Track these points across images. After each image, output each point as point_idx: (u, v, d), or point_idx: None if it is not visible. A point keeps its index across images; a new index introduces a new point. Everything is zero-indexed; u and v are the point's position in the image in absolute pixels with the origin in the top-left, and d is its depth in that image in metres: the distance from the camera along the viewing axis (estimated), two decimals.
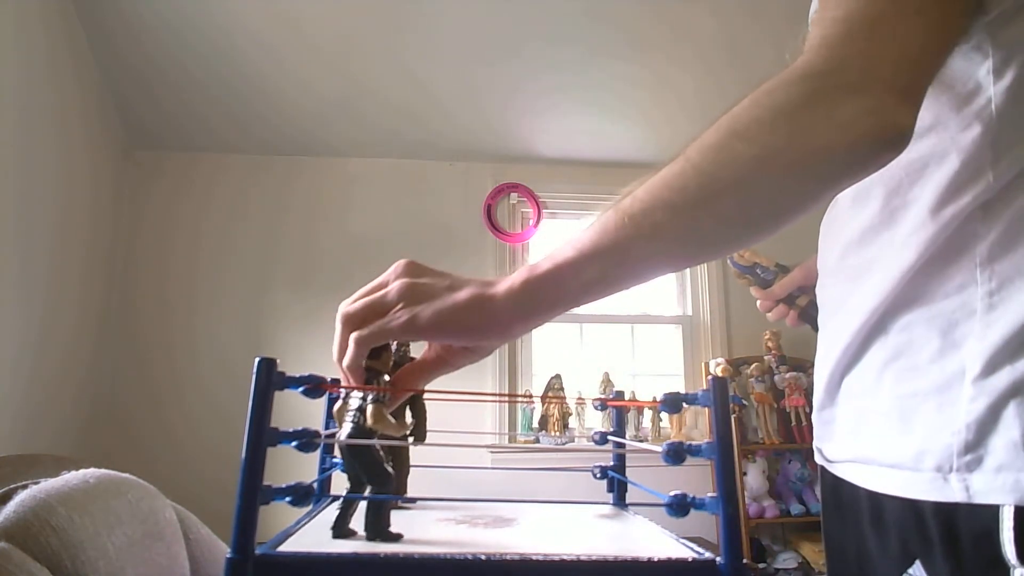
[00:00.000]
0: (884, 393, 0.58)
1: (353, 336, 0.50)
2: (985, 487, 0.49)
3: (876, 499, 0.60)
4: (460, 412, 2.12)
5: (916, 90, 0.49)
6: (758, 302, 0.93)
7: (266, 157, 3.01)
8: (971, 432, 0.50)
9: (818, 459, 0.73)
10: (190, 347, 2.80)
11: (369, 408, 0.53)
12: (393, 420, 0.54)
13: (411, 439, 0.77)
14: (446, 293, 0.51)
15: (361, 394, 0.54)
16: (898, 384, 0.57)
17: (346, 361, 0.51)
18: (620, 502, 0.77)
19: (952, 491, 0.50)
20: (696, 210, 0.49)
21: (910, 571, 0.55)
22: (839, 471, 0.67)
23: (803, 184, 0.49)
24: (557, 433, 2.76)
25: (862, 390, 0.61)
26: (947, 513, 0.51)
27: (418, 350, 0.81)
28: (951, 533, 0.51)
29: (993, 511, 0.48)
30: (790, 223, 0.51)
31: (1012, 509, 0.47)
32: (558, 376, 2.86)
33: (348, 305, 0.52)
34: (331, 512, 0.68)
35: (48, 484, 0.87)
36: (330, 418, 0.82)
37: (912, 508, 0.54)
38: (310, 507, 0.64)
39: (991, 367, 0.50)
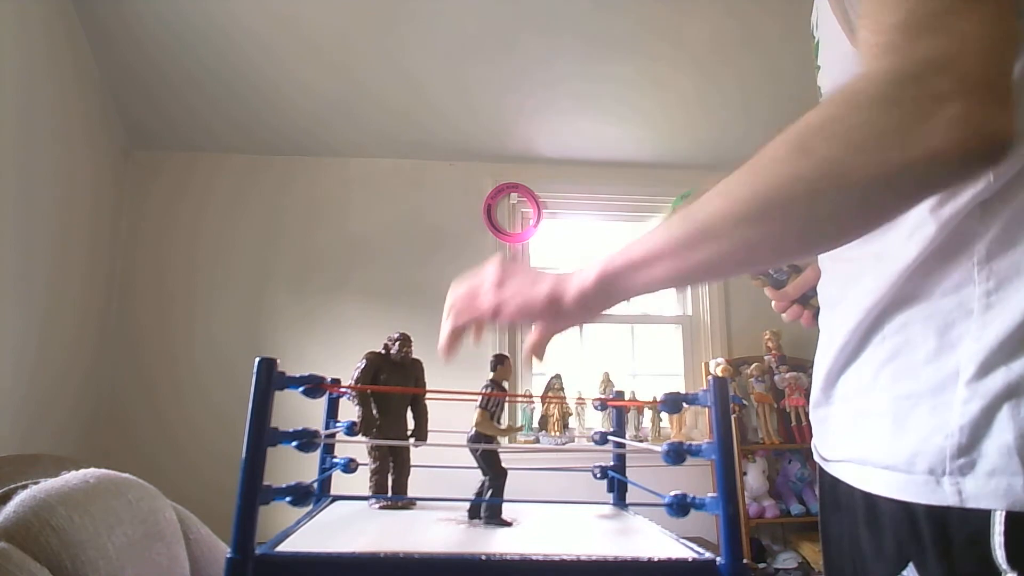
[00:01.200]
0: (880, 393, 0.57)
1: (448, 323, 0.62)
2: (977, 492, 0.48)
3: (871, 500, 0.59)
4: (460, 412, 2.11)
5: (1005, 86, 0.44)
6: (773, 303, 0.92)
7: (266, 157, 3.01)
8: (964, 435, 0.49)
9: (816, 457, 0.73)
10: (190, 347, 2.80)
11: (475, 414, 0.64)
12: (499, 424, 0.66)
13: (412, 439, 0.77)
14: (528, 288, 0.59)
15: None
16: (894, 385, 0.56)
17: (441, 343, 0.62)
18: (620, 502, 0.77)
19: (945, 494, 0.50)
20: (757, 224, 0.49)
21: (903, 574, 0.55)
22: (835, 470, 0.66)
23: (877, 201, 0.46)
24: (557, 433, 2.76)
25: (858, 390, 0.61)
26: (940, 516, 0.51)
27: (419, 352, 0.81)
28: (944, 536, 0.51)
29: (985, 516, 0.48)
30: (859, 238, 0.51)
31: (1003, 515, 0.47)
32: (558, 376, 2.86)
33: (454, 293, 0.63)
34: (334, 512, 0.68)
35: (48, 484, 0.87)
36: (330, 418, 0.82)
37: (906, 510, 0.54)
38: (310, 507, 0.64)
39: (985, 368, 0.49)
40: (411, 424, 0.78)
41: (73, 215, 2.53)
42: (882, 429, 0.56)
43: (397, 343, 0.77)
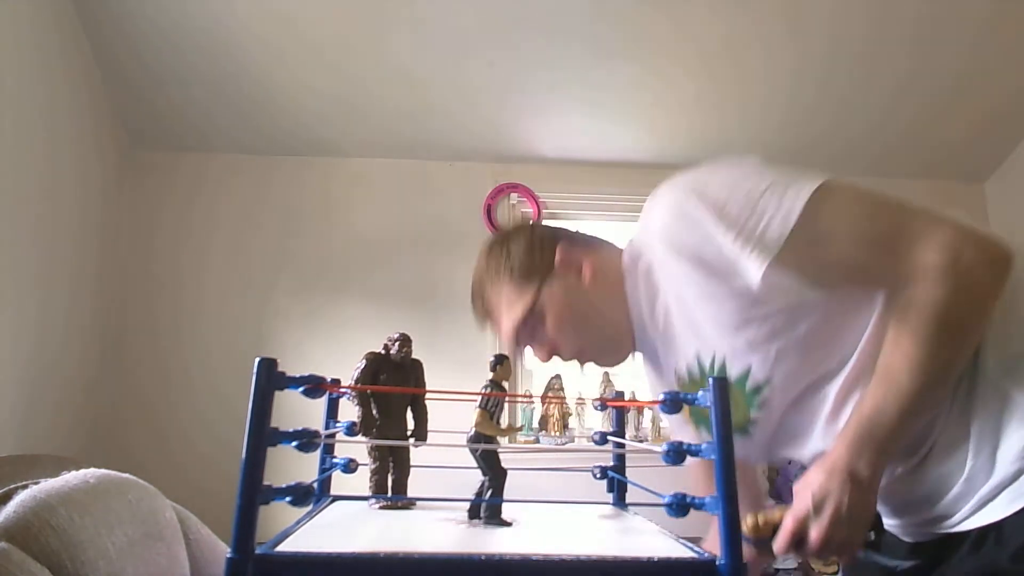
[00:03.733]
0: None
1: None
2: None
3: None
4: (460, 413, 2.09)
5: (974, 229, 0.70)
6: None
7: (266, 157, 3.00)
8: None
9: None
10: (190, 347, 2.80)
11: (475, 413, 0.64)
12: (498, 425, 0.66)
13: (412, 439, 0.77)
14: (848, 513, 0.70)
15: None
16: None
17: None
18: (620, 502, 0.77)
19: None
20: (940, 384, 0.72)
21: None
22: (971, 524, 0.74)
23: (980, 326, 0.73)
24: (557, 433, 2.76)
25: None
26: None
27: (419, 352, 0.81)
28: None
29: None
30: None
31: None
32: (558, 376, 2.85)
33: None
34: (334, 512, 0.68)
35: (48, 484, 0.87)
36: (330, 418, 0.82)
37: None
38: (310, 507, 0.64)
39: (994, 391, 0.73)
40: (411, 424, 0.78)
41: (72, 215, 2.53)
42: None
43: (397, 343, 0.77)
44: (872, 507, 0.72)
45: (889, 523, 0.85)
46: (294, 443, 0.47)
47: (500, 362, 0.68)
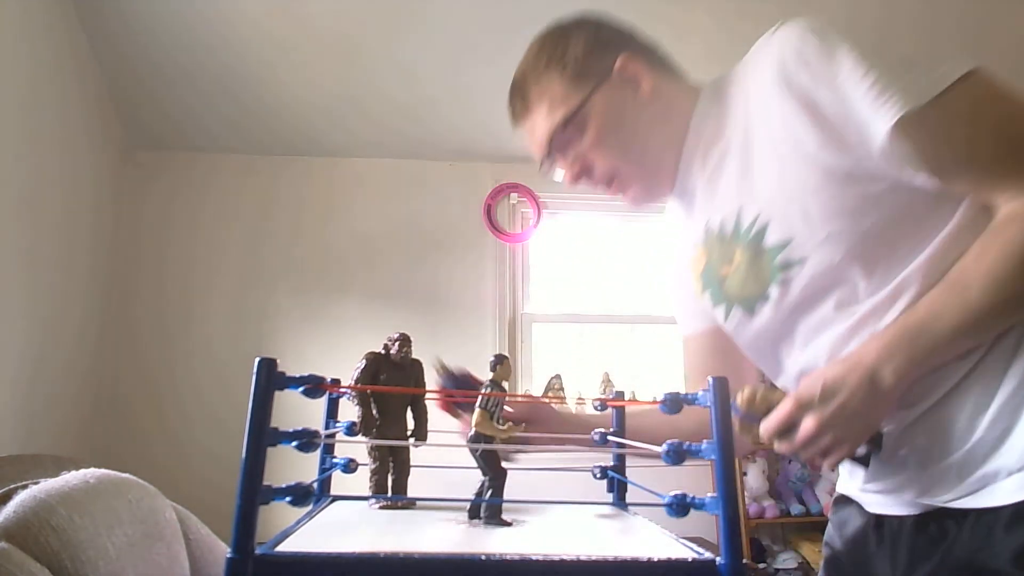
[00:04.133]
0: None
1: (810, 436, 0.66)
2: None
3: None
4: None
5: None
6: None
7: (266, 157, 3.00)
8: None
9: (899, 511, 0.75)
10: (190, 347, 2.80)
11: (475, 413, 0.63)
12: (498, 425, 0.65)
13: (411, 439, 0.77)
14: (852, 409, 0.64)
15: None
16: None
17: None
18: (620, 502, 0.77)
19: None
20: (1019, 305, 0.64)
21: None
22: (964, 504, 0.67)
23: None
24: None
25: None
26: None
27: (419, 352, 0.81)
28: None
29: None
30: None
31: None
32: (558, 376, 2.85)
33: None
34: (334, 512, 0.68)
35: (48, 484, 0.87)
36: (330, 418, 0.82)
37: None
38: (310, 507, 0.64)
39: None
40: (411, 424, 0.78)
41: (73, 215, 2.53)
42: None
43: (397, 343, 0.77)
44: (881, 419, 0.66)
45: (864, 487, 0.77)
46: (294, 443, 0.47)
47: (500, 362, 0.68)
